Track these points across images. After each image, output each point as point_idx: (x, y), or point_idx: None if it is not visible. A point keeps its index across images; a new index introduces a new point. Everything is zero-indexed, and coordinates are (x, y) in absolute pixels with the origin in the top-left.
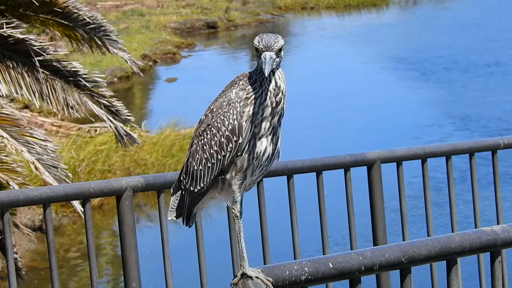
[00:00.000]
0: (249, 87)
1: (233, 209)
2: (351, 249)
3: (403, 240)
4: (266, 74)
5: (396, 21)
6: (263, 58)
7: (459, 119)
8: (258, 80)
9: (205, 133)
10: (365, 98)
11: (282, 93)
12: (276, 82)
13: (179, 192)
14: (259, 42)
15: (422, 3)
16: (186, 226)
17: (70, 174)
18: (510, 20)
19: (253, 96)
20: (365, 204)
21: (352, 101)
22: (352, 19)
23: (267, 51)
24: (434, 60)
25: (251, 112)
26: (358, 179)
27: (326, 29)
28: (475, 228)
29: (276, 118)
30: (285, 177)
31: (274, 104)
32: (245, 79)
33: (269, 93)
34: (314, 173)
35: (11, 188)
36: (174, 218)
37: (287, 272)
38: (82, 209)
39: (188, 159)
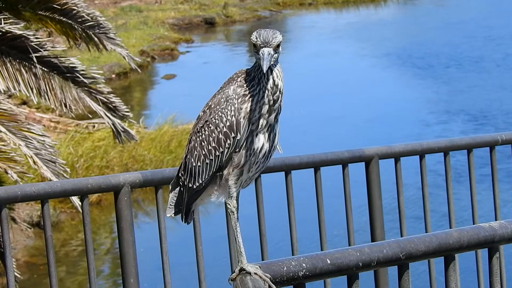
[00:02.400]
0: (247, 84)
1: (229, 204)
2: (349, 245)
3: (401, 236)
4: (265, 71)
5: (393, 18)
6: (261, 54)
7: (459, 116)
8: (256, 77)
9: (203, 129)
10: (363, 94)
11: (280, 91)
12: (274, 81)
13: (178, 188)
14: (257, 38)
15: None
16: (184, 223)
17: (68, 169)
18: (502, 18)
19: (251, 93)
20: (363, 200)
21: (350, 97)
22: (349, 15)
23: (265, 47)
24: (431, 56)
25: (248, 108)
26: (356, 175)
27: (324, 25)
28: (473, 224)
29: (273, 116)
30: (283, 173)
31: (271, 102)
32: (243, 75)
33: (266, 91)
34: (312, 169)
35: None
36: (173, 215)
37: (285, 268)
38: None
39: (186, 156)
